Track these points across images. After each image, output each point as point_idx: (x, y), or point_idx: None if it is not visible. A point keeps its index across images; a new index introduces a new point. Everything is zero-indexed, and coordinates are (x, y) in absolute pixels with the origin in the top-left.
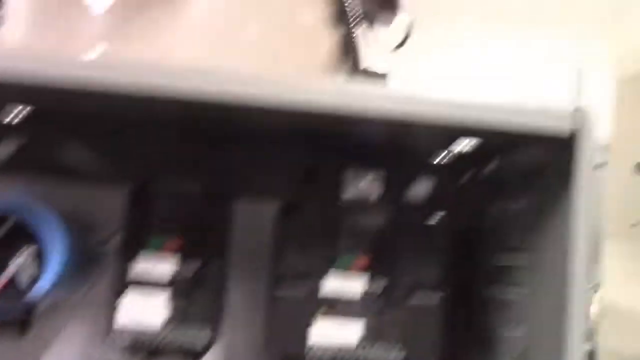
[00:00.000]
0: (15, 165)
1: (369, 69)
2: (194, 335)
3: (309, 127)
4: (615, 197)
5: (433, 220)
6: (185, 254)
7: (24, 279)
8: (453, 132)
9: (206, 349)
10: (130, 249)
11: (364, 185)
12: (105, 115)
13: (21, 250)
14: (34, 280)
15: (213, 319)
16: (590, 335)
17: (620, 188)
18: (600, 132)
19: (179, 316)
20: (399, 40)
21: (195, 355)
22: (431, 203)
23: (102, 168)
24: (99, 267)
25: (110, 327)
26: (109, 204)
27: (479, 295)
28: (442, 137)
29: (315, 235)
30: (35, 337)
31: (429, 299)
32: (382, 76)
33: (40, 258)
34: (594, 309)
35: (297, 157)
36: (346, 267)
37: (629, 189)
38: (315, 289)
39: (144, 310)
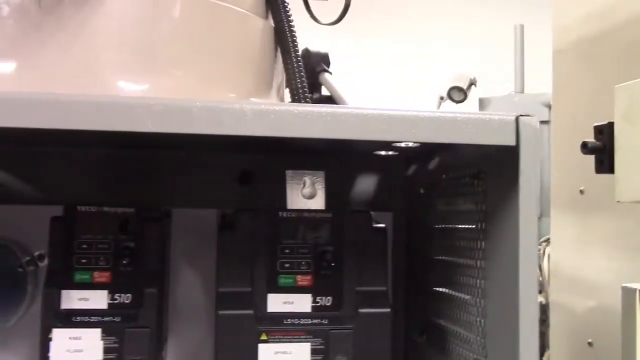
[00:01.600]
0: None
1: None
2: None
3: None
4: (561, 166)
5: (378, 222)
6: (118, 284)
7: None
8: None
9: None
10: (59, 280)
11: (307, 190)
12: (24, 138)
13: None
14: None
15: (147, 350)
16: (541, 288)
17: (565, 156)
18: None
19: (113, 351)
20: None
21: None
22: (375, 203)
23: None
24: (25, 295)
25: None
26: (35, 227)
27: (431, 295)
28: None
29: (257, 248)
30: None
31: (379, 305)
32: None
33: None
34: (544, 264)
35: (232, 161)
36: (290, 284)
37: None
38: (261, 306)
39: (77, 345)
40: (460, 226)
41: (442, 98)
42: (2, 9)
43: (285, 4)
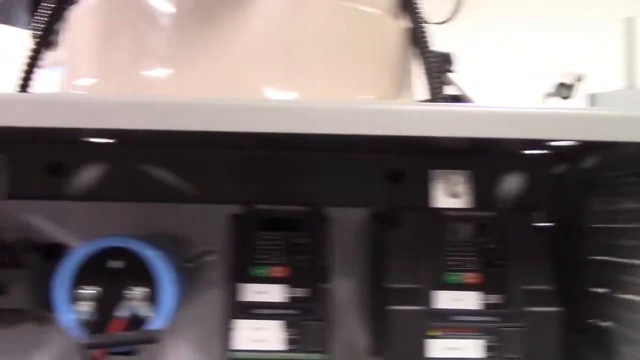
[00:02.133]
0: (111, 192)
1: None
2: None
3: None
4: None
5: (534, 221)
6: (294, 278)
7: (143, 310)
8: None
9: None
10: (238, 274)
11: (452, 189)
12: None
13: (136, 281)
14: (152, 310)
15: (324, 342)
16: None
17: None
18: None
19: (291, 341)
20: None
21: None
22: (522, 202)
23: (189, 190)
24: (192, 289)
25: (225, 351)
26: (199, 225)
27: (586, 295)
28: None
29: (424, 246)
30: None
31: (548, 304)
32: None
33: (153, 287)
34: None
35: (381, 161)
36: (458, 281)
37: None
38: (429, 303)
39: (258, 336)
40: (623, 226)
41: (549, 94)
42: (162, 19)
43: (418, 4)
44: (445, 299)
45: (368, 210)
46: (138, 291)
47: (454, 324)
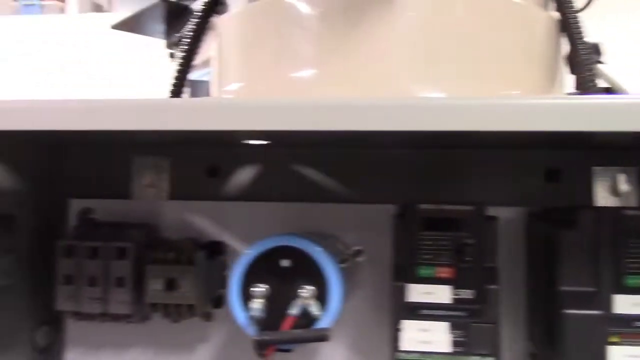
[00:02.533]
0: (265, 192)
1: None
2: None
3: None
4: None
5: None
6: (460, 280)
7: (313, 308)
8: None
9: None
10: (405, 275)
11: (617, 187)
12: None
13: (304, 279)
14: (321, 308)
15: (494, 345)
16: None
17: None
18: None
19: (458, 343)
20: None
21: None
22: None
23: (341, 190)
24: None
25: (394, 351)
26: (351, 224)
27: None
28: None
29: (601, 247)
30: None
31: None
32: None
33: (321, 285)
34: None
35: (538, 158)
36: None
37: None
38: (607, 307)
39: (426, 337)
40: None
41: None
42: (307, 20)
43: None
44: (625, 303)
45: (526, 210)
46: (308, 289)
47: (635, 330)
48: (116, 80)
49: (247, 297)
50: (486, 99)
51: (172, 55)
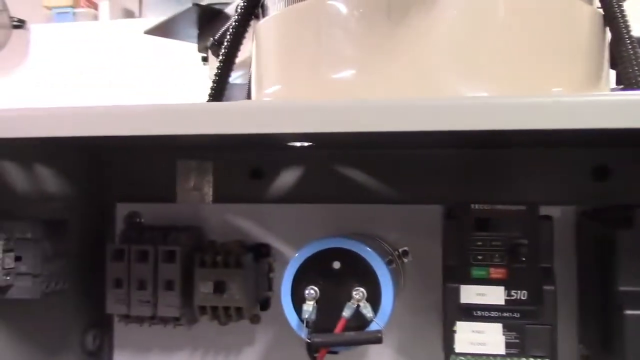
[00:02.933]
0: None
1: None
2: None
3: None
4: None
5: None
6: (513, 280)
7: (366, 310)
8: None
9: None
10: (458, 276)
11: None
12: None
13: (355, 281)
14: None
15: (551, 347)
16: None
17: None
18: None
19: (513, 345)
20: None
21: None
22: None
23: (383, 190)
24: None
25: (449, 353)
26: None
27: None
28: None
29: None
30: None
31: None
32: None
33: (373, 287)
34: None
35: (585, 156)
36: None
37: None
38: None
39: (480, 339)
40: None
41: None
42: (346, 21)
43: None
44: None
45: (573, 209)
46: (361, 291)
47: None
48: (148, 85)
49: (298, 299)
50: (529, 97)
51: (204, 59)
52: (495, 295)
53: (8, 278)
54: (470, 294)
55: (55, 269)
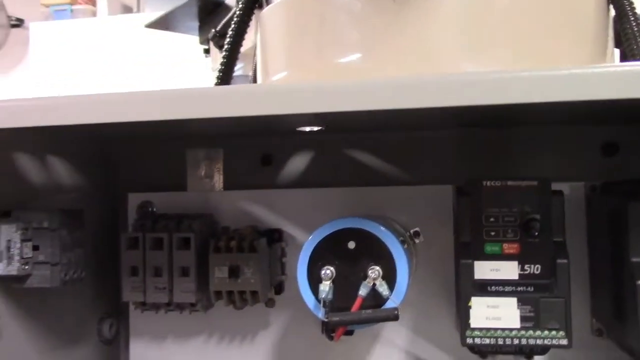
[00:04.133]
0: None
1: None
2: (547, 337)
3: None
4: None
5: None
6: (527, 255)
7: (382, 289)
8: None
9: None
10: (473, 252)
11: None
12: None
13: (370, 261)
14: (389, 289)
15: (565, 319)
16: None
17: None
18: None
19: (528, 319)
20: None
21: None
22: None
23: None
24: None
25: (465, 328)
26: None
27: None
28: None
29: None
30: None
31: None
32: None
33: (389, 266)
34: None
35: (594, 133)
36: None
37: None
38: None
39: (495, 313)
40: None
41: None
42: (356, 3)
43: None
44: None
45: (585, 184)
46: (376, 270)
47: None
48: (149, 81)
49: (314, 280)
50: (530, 70)
51: (206, 52)
52: (509, 270)
53: (27, 267)
54: (484, 269)
55: (72, 257)
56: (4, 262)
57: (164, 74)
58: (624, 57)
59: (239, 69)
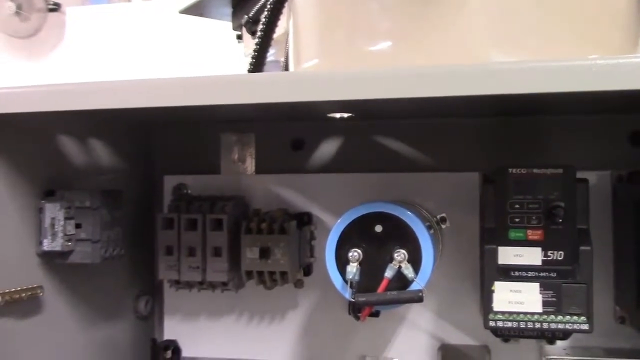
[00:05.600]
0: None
1: None
2: (569, 322)
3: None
4: None
5: None
6: (550, 241)
7: (407, 271)
8: None
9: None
10: (497, 237)
11: None
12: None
13: (397, 244)
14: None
15: (586, 305)
16: None
17: None
18: None
19: (550, 303)
20: None
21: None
22: None
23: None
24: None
25: (487, 311)
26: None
27: None
28: None
29: None
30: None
31: None
32: None
33: (414, 249)
34: None
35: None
36: None
37: None
38: None
39: (518, 298)
40: None
41: None
42: None
43: None
44: None
45: (612, 173)
46: (402, 252)
47: None
48: (182, 65)
49: (342, 262)
50: (561, 60)
51: (239, 37)
52: (532, 255)
53: (69, 244)
54: (508, 255)
55: (112, 235)
56: (49, 239)
57: (198, 59)
58: None
59: (271, 55)
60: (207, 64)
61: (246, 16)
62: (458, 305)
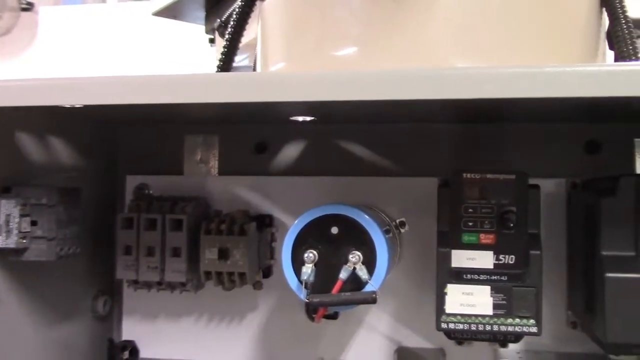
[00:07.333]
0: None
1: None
2: (518, 325)
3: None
4: None
5: None
6: (502, 246)
7: (361, 273)
8: None
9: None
10: (450, 241)
11: None
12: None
13: (352, 246)
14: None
15: (535, 308)
16: None
17: None
18: None
19: (500, 306)
20: None
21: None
22: None
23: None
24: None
25: (440, 313)
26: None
27: None
28: None
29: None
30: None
31: None
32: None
33: (369, 251)
34: None
35: (577, 131)
36: None
37: None
38: None
39: (469, 300)
40: None
41: None
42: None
43: None
44: None
45: (567, 181)
46: (357, 254)
47: None
48: (155, 67)
49: (298, 263)
50: (520, 67)
51: (212, 41)
52: (484, 259)
53: (24, 241)
54: (461, 258)
55: (69, 233)
56: (3, 236)
57: (170, 61)
58: (616, 59)
59: (244, 59)
60: (180, 66)
61: (218, 20)
62: (415, 308)
